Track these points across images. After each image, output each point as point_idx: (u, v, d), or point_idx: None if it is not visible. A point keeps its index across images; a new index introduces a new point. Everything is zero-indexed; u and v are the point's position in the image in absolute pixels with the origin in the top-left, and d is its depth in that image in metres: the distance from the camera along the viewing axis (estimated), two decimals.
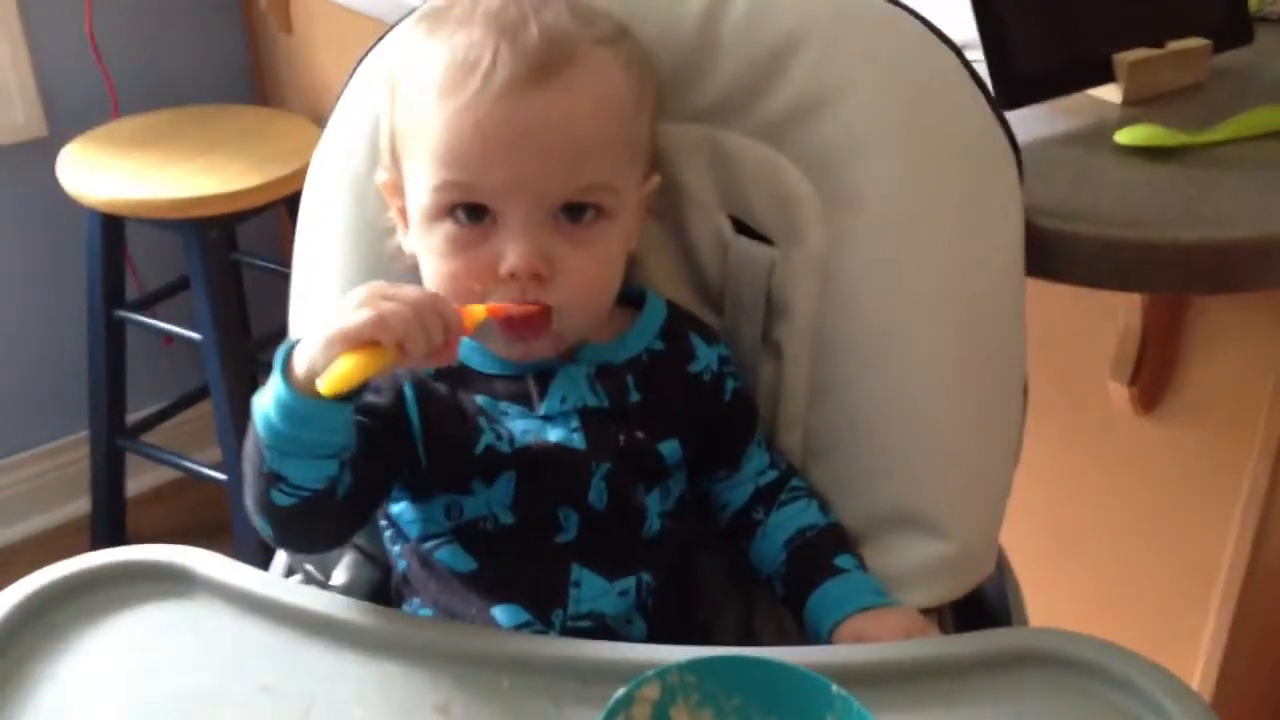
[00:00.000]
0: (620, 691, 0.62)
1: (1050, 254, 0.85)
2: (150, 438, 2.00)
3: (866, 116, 0.82)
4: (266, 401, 0.71)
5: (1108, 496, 1.26)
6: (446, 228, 0.77)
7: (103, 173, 1.72)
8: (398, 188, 0.82)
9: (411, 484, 0.81)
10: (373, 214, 0.87)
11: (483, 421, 0.79)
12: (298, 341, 0.71)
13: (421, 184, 0.77)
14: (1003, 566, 0.89)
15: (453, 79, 0.74)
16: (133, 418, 1.98)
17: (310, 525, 0.76)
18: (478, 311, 0.74)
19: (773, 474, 0.87)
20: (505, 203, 0.75)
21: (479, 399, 0.80)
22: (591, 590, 0.79)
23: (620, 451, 0.80)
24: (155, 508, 2.15)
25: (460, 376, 0.81)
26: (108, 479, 1.97)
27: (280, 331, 0.94)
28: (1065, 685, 0.70)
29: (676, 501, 0.84)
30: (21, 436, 2.08)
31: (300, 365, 0.70)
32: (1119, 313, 1.15)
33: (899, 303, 0.83)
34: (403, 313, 0.67)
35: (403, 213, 0.82)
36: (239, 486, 1.79)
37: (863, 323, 0.84)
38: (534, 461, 0.78)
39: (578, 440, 0.79)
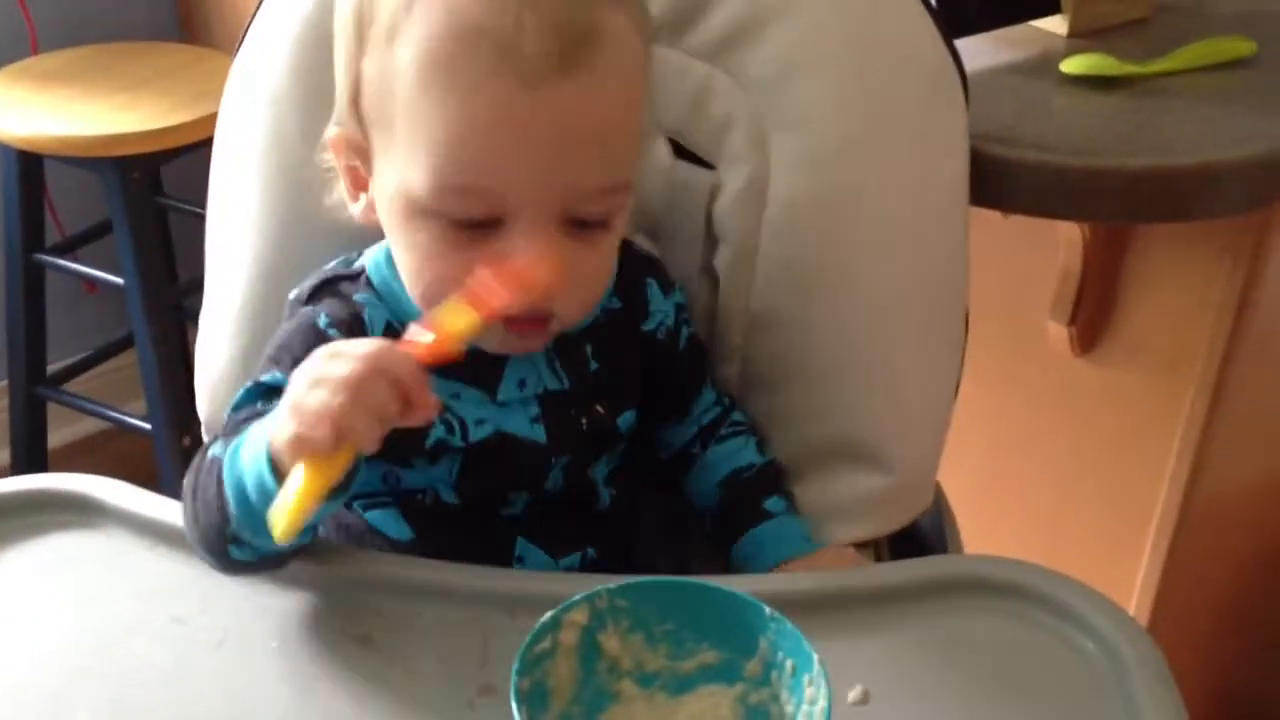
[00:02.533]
0: (546, 616, 0.60)
1: (995, 181, 0.84)
2: (73, 387, 1.93)
3: (810, 33, 0.79)
4: (247, 477, 0.62)
5: (1045, 436, 1.26)
6: (440, 227, 0.65)
7: (20, 109, 1.65)
8: (360, 150, 0.69)
9: None
10: (292, 138, 0.82)
11: None
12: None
13: (409, 174, 0.64)
14: (939, 502, 0.88)
15: (463, 51, 0.61)
16: (54, 367, 1.92)
17: (265, 570, 0.70)
18: (470, 319, 0.62)
19: (716, 410, 0.84)
20: (520, 206, 0.64)
21: None
22: (535, 566, 0.75)
23: (581, 436, 0.75)
24: (80, 459, 2.08)
25: None
26: (28, 430, 1.91)
27: None
28: (1002, 610, 0.69)
29: (621, 456, 0.81)
30: None
31: (281, 447, 0.60)
32: (1059, 253, 1.14)
33: (842, 230, 0.80)
34: (334, 405, 0.57)
35: (355, 173, 0.70)
36: (165, 437, 1.79)
37: (804, 251, 0.81)
38: (489, 454, 0.73)
39: (539, 433, 0.74)
